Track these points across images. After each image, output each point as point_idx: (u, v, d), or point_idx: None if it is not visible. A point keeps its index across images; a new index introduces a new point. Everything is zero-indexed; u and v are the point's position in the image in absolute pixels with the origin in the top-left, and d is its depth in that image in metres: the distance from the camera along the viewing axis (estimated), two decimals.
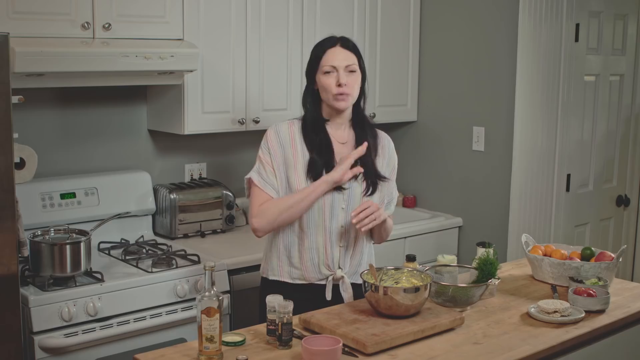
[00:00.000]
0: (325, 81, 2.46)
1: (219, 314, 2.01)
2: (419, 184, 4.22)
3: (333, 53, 2.47)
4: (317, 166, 2.47)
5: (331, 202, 2.48)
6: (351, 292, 2.51)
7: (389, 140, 2.66)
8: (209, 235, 3.50)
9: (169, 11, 3.15)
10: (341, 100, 2.47)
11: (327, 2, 3.69)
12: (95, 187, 3.27)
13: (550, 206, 3.87)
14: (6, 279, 2.41)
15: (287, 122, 2.56)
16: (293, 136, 2.51)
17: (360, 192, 2.51)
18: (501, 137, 3.79)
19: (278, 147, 2.49)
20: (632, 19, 4.23)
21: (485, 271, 2.49)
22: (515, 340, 2.20)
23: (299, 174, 2.47)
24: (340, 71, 2.45)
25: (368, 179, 2.52)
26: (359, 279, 2.55)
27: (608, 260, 2.69)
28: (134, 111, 3.50)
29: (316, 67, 2.49)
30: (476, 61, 3.87)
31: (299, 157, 2.48)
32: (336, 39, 2.50)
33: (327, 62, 2.46)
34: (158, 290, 2.88)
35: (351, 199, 2.50)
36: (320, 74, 2.48)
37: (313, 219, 2.47)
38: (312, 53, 2.54)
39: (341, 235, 2.51)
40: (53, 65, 2.72)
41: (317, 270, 2.50)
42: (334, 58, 2.46)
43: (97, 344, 2.73)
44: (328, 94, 2.47)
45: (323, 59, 2.47)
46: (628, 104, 4.33)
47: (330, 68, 2.46)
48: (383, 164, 2.59)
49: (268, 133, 2.53)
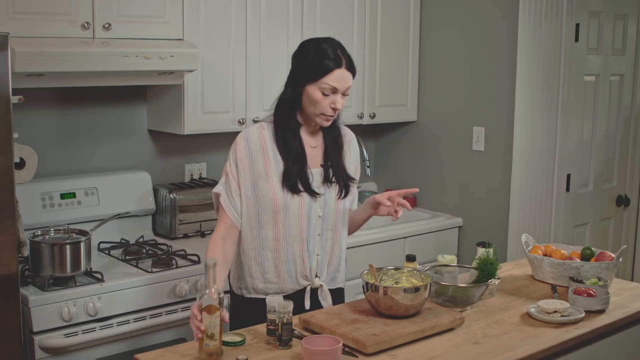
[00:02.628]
0: (318, 97, 2.33)
1: (220, 312, 2.01)
2: (419, 184, 4.22)
3: (339, 75, 2.32)
4: (292, 175, 2.38)
5: (308, 212, 2.41)
6: (330, 300, 2.48)
7: (352, 135, 2.60)
8: (209, 235, 3.49)
9: (169, 11, 3.15)
10: (327, 121, 2.39)
11: (327, 2, 3.69)
12: (95, 187, 3.27)
13: (550, 206, 3.87)
14: (6, 279, 2.41)
15: (257, 128, 2.43)
16: (264, 143, 2.40)
17: (334, 196, 2.46)
18: (501, 137, 3.79)
19: (247, 158, 2.40)
20: (632, 19, 4.23)
21: (485, 271, 2.49)
22: (515, 340, 2.20)
23: (273, 184, 2.38)
24: (338, 95, 2.34)
25: (340, 182, 2.47)
26: (336, 284, 2.55)
27: (608, 260, 2.69)
28: (134, 111, 3.50)
29: (314, 78, 2.33)
30: (476, 61, 3.87)
31: (271, 165, 2.39)
32: (343, 60, 2.34)
33: (331, 83, 2.32)
34: (158, 290, 2.88)
35: (326, 205, 2.45)
36: (316, 87, 2.33)
37: (290, 231, 2.40)
38: (312, 59, 2.35)
39: (318, 244, 2.46)
40: (53, 65, 2.72)
41: (295, 282, 2.45)
42: (339, 81, 2.32)
43: (97, 344, 2.73)
44: (315, 110, 2.35)
45: (327, 77, 2.31)
46: (628, 104, 4.33)
47: (331, 90, 2.33)
48: (350, 161, 2.55)
49: (238, 143, 2.42)
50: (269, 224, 2.40)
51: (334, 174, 2.46)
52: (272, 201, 2.38)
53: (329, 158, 2.47)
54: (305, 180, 2.40)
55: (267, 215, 2.39)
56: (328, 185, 2.45)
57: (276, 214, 2.39)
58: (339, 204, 2.48)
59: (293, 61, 2.43)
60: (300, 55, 2.41)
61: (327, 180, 2.45)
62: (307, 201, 2.41)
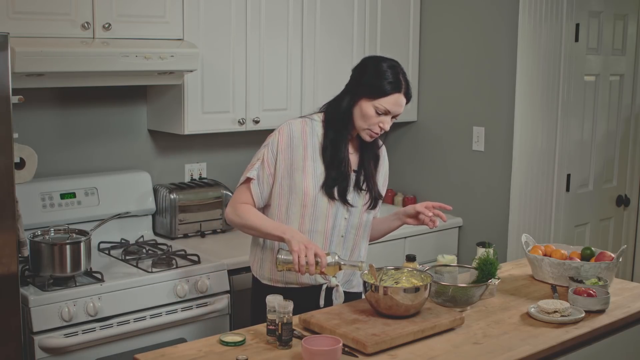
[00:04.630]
0: (370, 114, 2.38)
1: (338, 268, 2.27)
2: (419, 184, 4.22)
3: (397, 100, 2.38)
4: (334, 183, 2.43)
5: (335, 212, 2.46)
6: (343, 300, 2.50)
7: (384, 150, 2.65)
8: (209, 235, 3.50)
9: (169, 11, 3.15)
10: (371, 137, 2.44)
11: (327, 2, 3.69)
12: (95, 187, 3.27)
13: (550, 206, 3.87)
14: (6, 279, 2.41)
15: (300, 122, 2.48)
16: (305, 138, 2.44)
17: (362, 204, 2.51)
18: (501, 137, 3.79)
19: (288, 148, 2.43)
20: (632, 19, 4.23)
21: (485, 271, 2.49)
22: (515, 340, 2.20)
23: (307, 179, 2.42)
24: (389, 116, 2.39)
25: (371, 192, 2.52)
26: (352, 287, 2.59)
27: (608, 260, 2.69)
28: (134, 111, 3.50)
29: (371, 95, 2.37)
30: (476, 61, 3.87)
31: (308, 161, 2.43)
32: (403, 85, 2.39)
33: (386, 105, 2.36)
34: (158, 290, 2.88)
35: (353, 210, 2.50)
36: (370, 104, 2.37)
37: (315, 227, 2.45)
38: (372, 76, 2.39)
39: (340, 244, 2.50)
40: (53, 65, 2.72)
41: (312, 278, 2.48)
42: (394, 105, 2.38)
43: (97, 344, 2.73)
44: (364, 125, 2.40)
45: (385, 98, 2.36)
46: (628, 104, 4.33)
47: (384, 111, 2.37)
48: (380, 176, 2.60)
49: (281, 132, 2.46)
50: (296, 217, 2.44)
51: (365, 182, 2.51)
52: (304, 194, 2.42)
53: (363, 166, 2.52)
54: (343, 189, 2.45)
55: (296, 207, 2.44)
56: (358, 192, 2.50)
57: (304, 207, 2.43)
58: (364, 214, 2.53)
59: (353, 74, 2.48)
60: (361, 70, 2.45)
61: (358, 187, 2.49)
62: (336, 202, 2.45)
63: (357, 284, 2.60)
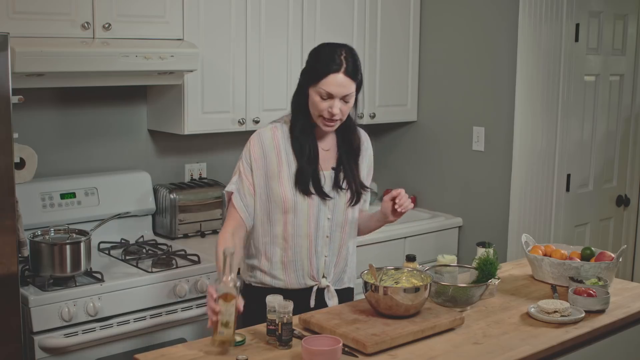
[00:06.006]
0: (317, 100, 2.34)
1: (235, 300, 2.02)
2: (419, 184, 4.22)
3: (334, 80, 2.31)
4: (305, 176, 2.39)
5: (317, 213, 2.43)
6: (336, 299, 2.50)
7: (367, 136, 2.60)
8: (209, 235, 3.50)
9: (169, 11, 3.15)
10: (328, 127, 2.39)
11: (327, 2, 3.69)
12: (95, 187, 3.27)
13: (550, 206, 3.87)
14: (6, 279, 2.41)
15: (271, 128, 2.45)
16: (277, 143, 2.41)
17: (345, 202, 2.48)
18: (501, 137, 3.79)
19: (261, 158, 2.41)
20: (632, 19, 4.23)
21: (485, 271, 2.49)
22: (515, 340, 2.20)
23: (284, 185, 2.39)
24: (336, 100, 2.33)
25: (352, 189, 2.48)
26: (343, 284, 2.57)
27: (608, 260, 2.69)
28: (134, 111, 3.50)
29: (313, 80, 2.35)
30: (476, 61, 3.87)
31: (283, 166, 2.40)
32: (341, 66, 2.32)
33: (325, 87, 2.32)
34: (158, 290, 2.88)
35: (336, 209, 2.47)
36: (314, 90, 2.35)
37: (298, 231, 2.42)
38: (313, 61, 2.38)
39: (326, 245, 2.48)
40: (53, 65, 2.72)
41: (302, 281, 2.47)
42: (335, 85, 2.31)
43: (97, 344, 2.73)
44: (315, 113, 2.37)
45: (323, 81, 2.32)
46: (628, 104, 4.33)
47: (327, 94, 2.32)
48: (364, 166, 2.56)
49: (252, 142, 2.43)
50: (279, 222, 2.42)
51: (345, 180, 2.47)
52: (282, 202, 2.40)
53: (342, 163, 2.48)
54: (317, 182, 2.42)
55: (277, 214, 2.42)
56: (338, 190, 2.47)
57: (285, 213, 2.41)
58: (349, 210, 2.50)
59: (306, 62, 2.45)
60: (310, 56, 2.43)
61: (337, 185, 2.46)
62: (316, 203, 2.42)
63: (347, 280, 2.58)
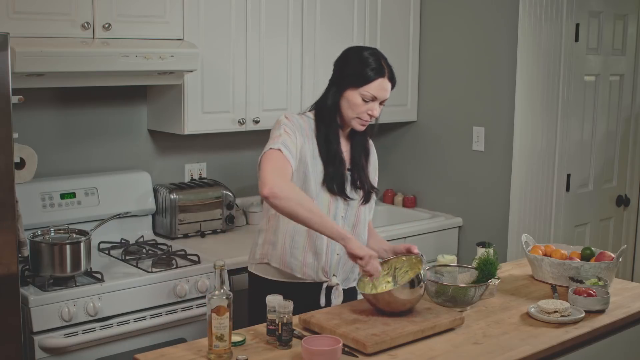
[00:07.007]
0: (358, 102, 2.40)
1: (229, 313, 2.02)
2: (419, 184, 4.22)
3: (381, 85, 2.40)
4: (335, 179, 2.45)
5: (335, 210, 2.48)
6: (342, 299, 2.52)
7: (371, 143, 2.66)
8: (209, 235, 3.50)
9: (169, 11, 3.15)
10: (362, 126, 2.45)
11: (327, 2, 3.69)
12: (95, 187, 3.27)
13: (550, 206, 3.87)
14: (6, 279, 2.41)
15: (301, 117, 2.48)
16: (308, 134, 2.45)
17: (358, 201, 2.54)
18: (501, 137, 3.79)
19: (300, 134, 2.41)
20: (632, 19, 4.23)
21: (485, 271, 2.49)
22: (515, 340, 2.20)
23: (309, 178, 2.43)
24: (377, 103, 2.41)
25: (364, 188, 2.54)
26: (349, 283, 2.60)
27: (608, 260, 2.69)
28: (134, 111, 3.50)
29: (356, 84, 2.39)
30: (476, 61, 3.87)
31: (311, 159, 2.44)
32: (385, 70, 2.41)
33: (372, 91, 2.39)
34: (158, 290, 2.88)
35: (349, 208, 2.52)
36: (357, 92, 2.39)
37: None
38: (354, 65, 2.42)
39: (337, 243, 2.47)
40: (53, 65, 2.72)
41: (315, 274, 2.50)
42: (380, 90, 2.40)
43: (97, 344, 2.73)
44: (353, 114, 2.42)
45: (369, 85, 2.38)
46: (628, 104, 4.33)
47: (371, 98, 2.40)
48: (371, 169, 2.63)
49: (288, 117, 2.43)
50: None
51: (358, 179, 2.53)
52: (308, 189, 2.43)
53: (355, 162, 2.53)
54: (341, 184, 2.47)
55: None
56: (355, 189, 2.52)
57: None
58: (361, 210, 2.55)
59: (335, 66, 2.49)
60: (342, 61, 2.47)
61: (354, 185, 2.52)
62: (334, 201, 2.47)
63: (354, 280, 2.61)
